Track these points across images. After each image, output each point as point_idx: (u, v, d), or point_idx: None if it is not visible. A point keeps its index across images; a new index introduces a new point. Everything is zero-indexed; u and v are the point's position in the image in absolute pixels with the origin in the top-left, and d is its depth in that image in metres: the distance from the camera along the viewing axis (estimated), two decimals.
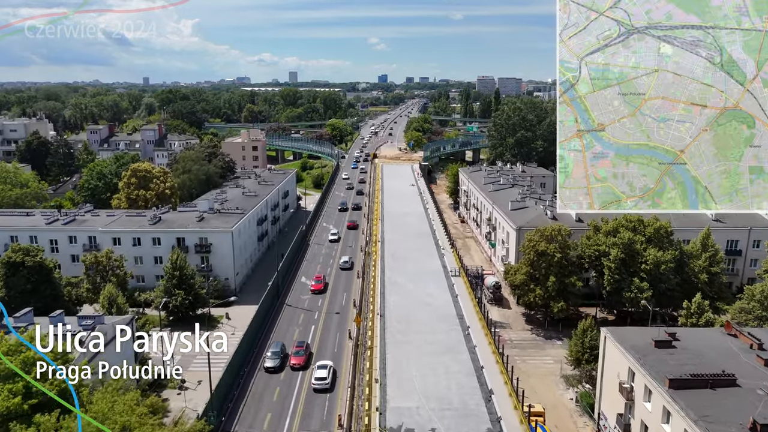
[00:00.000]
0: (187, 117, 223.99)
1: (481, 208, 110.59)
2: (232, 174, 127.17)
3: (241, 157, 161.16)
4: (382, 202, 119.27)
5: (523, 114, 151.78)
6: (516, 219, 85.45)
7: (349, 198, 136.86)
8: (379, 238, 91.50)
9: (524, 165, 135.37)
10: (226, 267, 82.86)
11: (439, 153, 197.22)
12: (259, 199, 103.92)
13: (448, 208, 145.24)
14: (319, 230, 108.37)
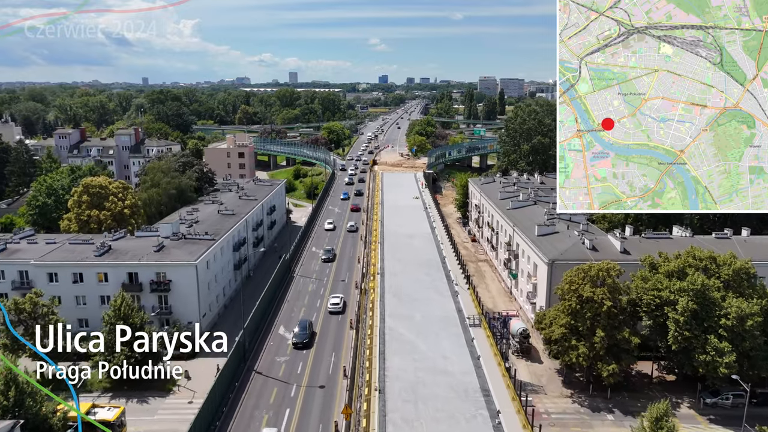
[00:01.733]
0: (173, 119, 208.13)
1: (497, 228, 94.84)
2: (211, 186, 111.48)
3: (226, 165, 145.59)
4: (382, 219, 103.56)
5: (540, 117, 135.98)
6: (546, 249, 69.67)
7: (343, 215, 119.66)
8: (378, 269, 75.75)
9: (543, 175, 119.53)
10: (189, 308, 67.14)
11: (444, 159, 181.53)
12: (238, 218, 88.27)
13: (456, 222, 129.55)
14: (307, 257, 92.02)
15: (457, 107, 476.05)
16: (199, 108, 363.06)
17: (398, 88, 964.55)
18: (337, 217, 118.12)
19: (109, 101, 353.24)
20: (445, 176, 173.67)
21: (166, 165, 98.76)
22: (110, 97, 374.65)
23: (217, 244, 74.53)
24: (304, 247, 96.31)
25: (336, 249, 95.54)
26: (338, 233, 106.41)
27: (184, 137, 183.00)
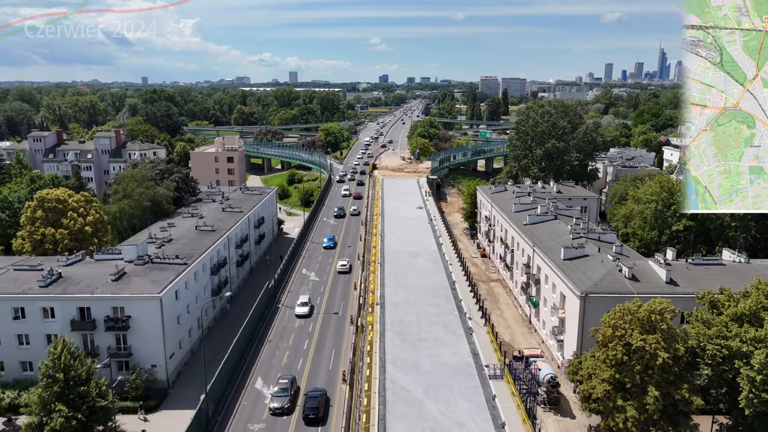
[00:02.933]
0: (162, 120, 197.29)
1: (511, 244, 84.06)
2: (194, 195, 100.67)
3: (214, 170, 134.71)
4: (383, 234, 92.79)
5: (554, 120, 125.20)
6: (576, 277, 58.82)
7: (338, 230, 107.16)
8: (378, 297, 64.96)
9: (559, 183, 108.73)
10: (152, 349, 56.42)
11: (448, 163, 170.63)
12: (218, 235, 77.48)
13: (463, 234, 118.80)
14: (295, 282, 79.82)
15: (459, 107, 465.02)
16: (194, 108, 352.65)
17: (399, 88, 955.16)
18: (333, 230, 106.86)
19: (102, 101, 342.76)
20: (450, 181, 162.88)
21: (140, 173, 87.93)
22: (103, 97, 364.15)
23: (189, 269, 63.74)
24: (293, 270, 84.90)
25: (329, 270, 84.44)
26: (332, 252, 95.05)
27: (172, 140, 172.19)
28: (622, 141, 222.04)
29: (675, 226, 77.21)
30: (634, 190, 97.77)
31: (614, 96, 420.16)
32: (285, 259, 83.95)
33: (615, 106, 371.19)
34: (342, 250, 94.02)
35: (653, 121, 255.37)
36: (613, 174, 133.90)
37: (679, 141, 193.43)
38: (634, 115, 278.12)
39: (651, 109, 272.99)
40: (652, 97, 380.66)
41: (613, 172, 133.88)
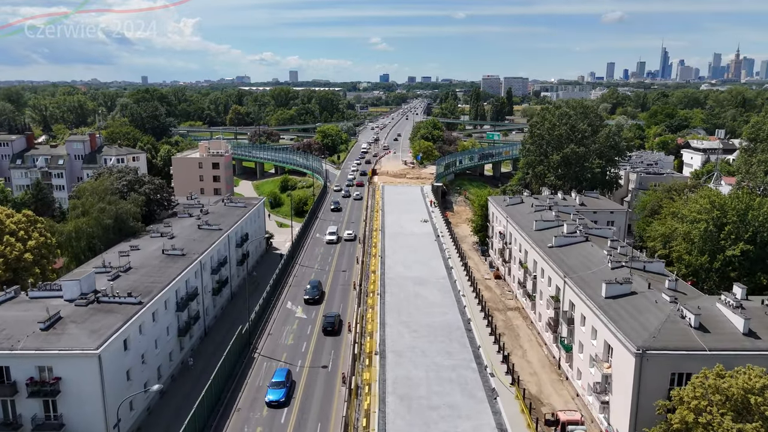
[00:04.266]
0: (148, 122, 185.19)
1: (534, 269, 71.99)
2: (169, 208, 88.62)
3: (198, 177, 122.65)
4: (383, 254, 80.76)
5: (573, 122, 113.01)
6: (627, 325, 46.69)
7: (329, 257, 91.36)
8: (377, 343, 52.83)
9: (582, 194, 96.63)
10: (89, 418, 44.36)
11: (454, 168, 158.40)
12: (189, 260, 65.46)
13: (473, 249, 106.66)
14: (277, 321, 66.22)
15: (462, 107, 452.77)
16: (188, 108, 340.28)
17: (399, 87, 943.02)
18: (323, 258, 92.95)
19: (93, 101, 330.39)
20: (456, 188, 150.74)
21: (101, 186, 75.77)
22: (95, 97, 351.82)
23: (145, 310, 51.73)
24: (277, 302, 71.99)
25: (323, 297, 72.15)
26: (325, 277, 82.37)
27: (156, 143, 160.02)
28: (636, 143, 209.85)
29: (729, 251, 65.01)
30: (670, 204, 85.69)
31: (621, 95, 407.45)
32: (267, 289, 71.61)
33: (622, 106, 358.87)
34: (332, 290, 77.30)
35: (667, 122, 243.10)
36: (636, 181, 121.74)
37: (700, 143, 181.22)
38: (646, 116, 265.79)
39: (664, 109, 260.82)
40: (662, 97, 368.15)
41: (636, 180, 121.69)
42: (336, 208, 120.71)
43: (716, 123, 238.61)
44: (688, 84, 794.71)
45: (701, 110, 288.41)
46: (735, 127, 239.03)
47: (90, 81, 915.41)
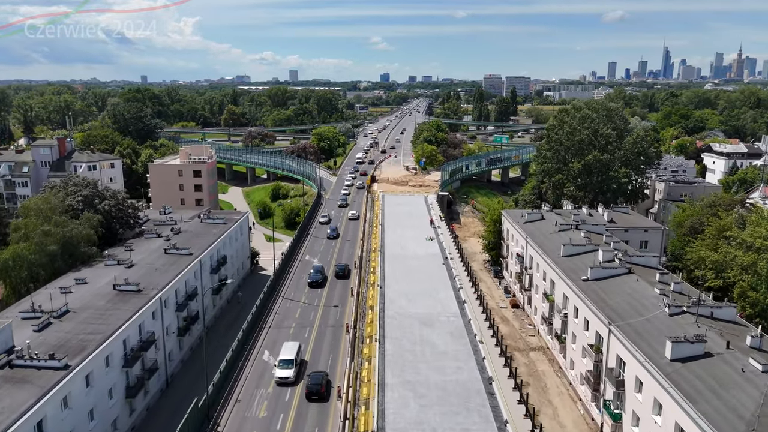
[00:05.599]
0: (132, 123, 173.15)
1: (564, 305, 60.05)
2: (135, 226, 76.63)
3: (178, 187, 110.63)
4: (383, 283, 68.65)
5: (596, 126, 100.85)
6: (710, 408, 34.75)
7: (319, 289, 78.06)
8: (374, 420, 40.69)
9: (611, 209, 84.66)
10: None
11: (460, 175, 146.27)
12: (146, 297, 53.63)
13: (484, 269, 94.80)
14: (248, 385, 52.40)
15: (465, 107, 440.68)
16: (182, 108, 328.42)
17: (400, 87, 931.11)
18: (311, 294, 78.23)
19: (83, 100, 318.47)
20: (462, 196, 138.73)
21: (46, 204, 63.68)
22: (85, 97, 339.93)
23: (74, 375, 39.82)
24: (251, 353, 58.30)
25: (306, 350, 59.40)
26: (312, 315, 68.89)
27: (139, 147, 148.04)
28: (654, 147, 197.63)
29: None
30: (716, 221, 73.63)
31: (628, 95, 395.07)
32: (240, 334, 59.20)
33: (630, 107, 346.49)
34: (319, 335, 63.44)
35: (682, 123, 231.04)
36: (664, 191, 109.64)
37: (722, 147, 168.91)
38: (659, 117, 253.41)
39: (679, 110, 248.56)
40: (671, 97, 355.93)
41: (664, 189, 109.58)
42: (332, 235, 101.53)
43: (735, 125, 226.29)
44: (691, 84, 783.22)
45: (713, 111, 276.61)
46: (755, 129, 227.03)
47: (89, 81, 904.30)
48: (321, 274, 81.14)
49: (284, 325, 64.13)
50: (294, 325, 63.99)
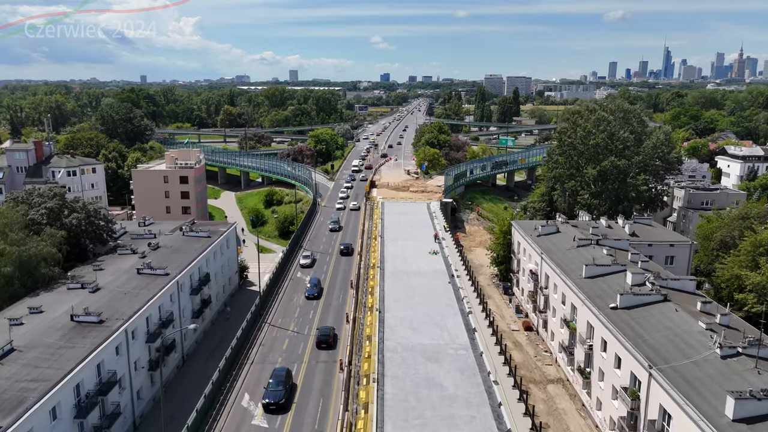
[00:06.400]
0: (121, 125, 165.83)
1: (588, 335, 52.77)
2: (108, 241, 69.35)
3: (163, 194, 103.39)
4: (382, 310, 61.23)
5: (612, 128, 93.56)
6: None
7: (310, 313, 68.81)
8: None
9: (633, 221, 77.40)
10: None
11: (464, 180, 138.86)
12: (109, 329, 46.42)
13: (492, 284, 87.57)
14: None
15: (466, 107, 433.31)
16: (177, 108, 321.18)
17: (400, 87, 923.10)
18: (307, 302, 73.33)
19: (77, 101, 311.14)
20: (467, 202, 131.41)
21: (1, 219, 56.38)
22: (78, 97, 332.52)
23: None
24: (227, 398, 49.67)
25: (294, 395, 51.15)
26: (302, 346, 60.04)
27: (127, 150, 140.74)
28: None
29: None
30: (752, 236, 66.39)
31: (633, 95, 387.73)
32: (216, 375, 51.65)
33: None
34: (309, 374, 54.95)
35: (692, 125, 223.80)
36: (684, 199, 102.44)
37: (738, 150, 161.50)
38: (668, 118, 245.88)
39: (688, 111, 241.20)
40: (676, 97, 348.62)
41: (684, 197, 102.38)
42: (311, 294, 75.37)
43: (747, 126, 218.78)
44: (693, 84, 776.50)
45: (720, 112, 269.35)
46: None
47: (89, 80, 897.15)
48: (317, 287, 76.07)
49: (269, 360, 56.38)
50: (281, 360, 56.31)
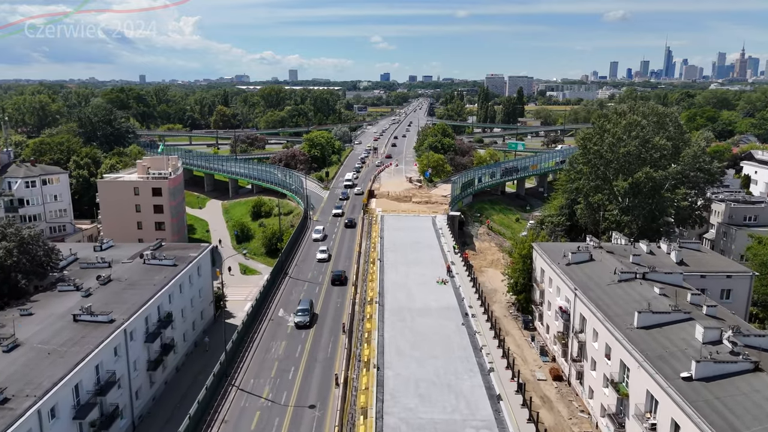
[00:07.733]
0: (100, 127, 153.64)
1: (650, 407, 40.69)
2: (51, 271, 57.30)
3: (134, 208, 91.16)
4: (381, 367, 49.04)
5: (646, 134, 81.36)
6: None
7: (290, 371, 54.14)
8: None
9: (677, 243, 65.27)
10: None
11: (473, 189, 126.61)
12: (17, 410, 34.22)
13: (509, 315, 75.40)
14: None
15: (468, 107, 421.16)
16: (169, 109, 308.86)
17: (400, 87, 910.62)
18: (290, 347, 58.84)
19: (65, 101, 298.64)
20: (475, 214, 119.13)
21: None
22: (66, 97, 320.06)
23: None
24: None
25: None
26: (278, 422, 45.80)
27: (102, 156, 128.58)
28: None
29: None
30: None
31: (641, 95, 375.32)
32: None
33: None
34: None
35: (710, 126, 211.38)
36: (725, 214, 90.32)
37: (765, 155, 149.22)
38: (683, 118, 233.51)
39: (705, 112, 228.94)
40: (686, 97, 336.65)
41: (725, 212, 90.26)
42: None
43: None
44: (695, 83, 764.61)
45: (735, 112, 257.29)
46: None
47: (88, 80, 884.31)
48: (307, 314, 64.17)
49: None
50: None
